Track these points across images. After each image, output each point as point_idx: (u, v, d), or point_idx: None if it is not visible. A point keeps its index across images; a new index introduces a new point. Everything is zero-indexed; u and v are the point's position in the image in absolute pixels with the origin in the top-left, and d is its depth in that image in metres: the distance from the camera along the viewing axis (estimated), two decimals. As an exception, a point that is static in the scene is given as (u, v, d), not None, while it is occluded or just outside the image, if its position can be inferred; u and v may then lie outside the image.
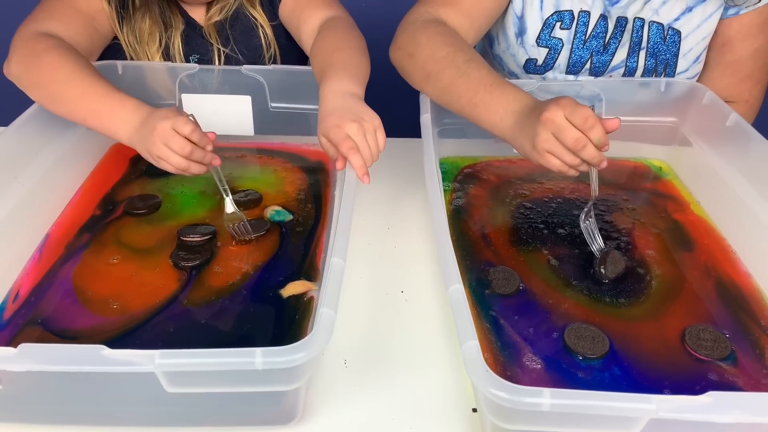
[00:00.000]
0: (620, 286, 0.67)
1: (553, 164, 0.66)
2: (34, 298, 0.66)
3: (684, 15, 0.88)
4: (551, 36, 0.90)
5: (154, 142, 0.69)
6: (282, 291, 0.67)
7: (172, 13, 0.92)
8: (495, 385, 0.42)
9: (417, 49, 0.79)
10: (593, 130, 0.62)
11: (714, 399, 0.41)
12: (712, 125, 0.82)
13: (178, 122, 0.68)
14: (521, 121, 0.68)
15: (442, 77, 0.76)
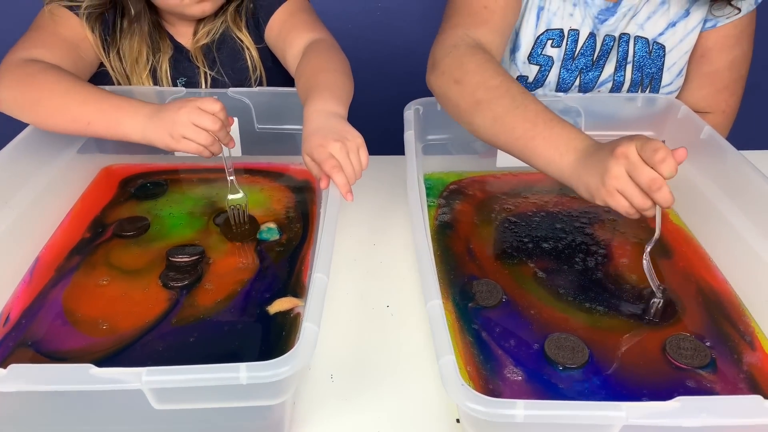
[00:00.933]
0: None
1: (621, 205, 0.61)
2: (25, 320, 0.67)
3: (668, 30, 0.91)
4: (542, 54, 0.93)
5: (178, 121, 0.72)
6: (269, 308, 0.68)
7: (161, 37, 0.95)
8: (471, 399, 0.43)
9: (465, 76, 0.75)
10: (665, 164, 0.57)
11: (682, 404, 0.43)
12: (687, 138, 0.84)
13: (205, 102, 0.72)
14: (586, 159, 0.64)
15: (495, 106, 0.72)
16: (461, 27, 0.82)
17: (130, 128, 0.75)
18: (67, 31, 0.89)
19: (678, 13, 0.90)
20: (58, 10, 0.90)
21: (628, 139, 0.61)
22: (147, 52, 0.94)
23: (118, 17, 0.92)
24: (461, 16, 0.83)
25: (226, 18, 0.95)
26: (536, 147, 0.68)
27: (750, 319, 0.67)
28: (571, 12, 0.90)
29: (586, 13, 0.90)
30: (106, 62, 0.93)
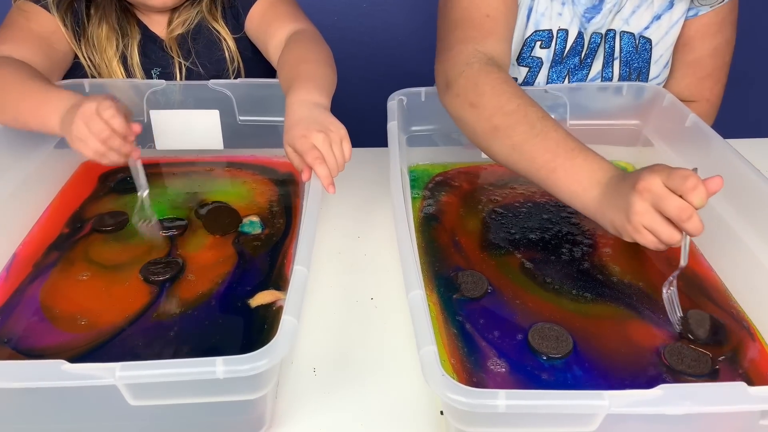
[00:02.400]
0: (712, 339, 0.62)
1: (649, 241, 0.59)
2: (1, 318, 0.66)
3: (653, 23, 0.91)
4: (531, 55, 0.92)
5: (75, 121, 0.68)
6: (251, 301, 0.67)
7: (129, 23, 0.93)
8: (451, 390, 0.42)
9: (481, 99, 0.71)
10: (695, 192, 0.55)
11: (665, 392, 0.42)
12: (672, 126, 0.84)
13: (102, 105, 0.68)
14: (609, 194, 0.61)
15: (513, 133, 0.68)
16: (470, 42, 0.78)
17: (52, 125, 0.73)
18: (38, 26, 0.88)
19: (662, 6, 0.90)
20: (27, 6, 0.89)
21: (648, 171, 0.58)
22: (116, 38, 0.92)
23: (84, 5, 0.91)
24: (465, 30, 0.80)
25: (201, 8, 0.94)
26: (558, 179, 0.65)
27: (734, 302, 0.67)
28: (560, 11, 0.89)
29: (574, 12, 0.89)
30: (79, 53, 0.91)
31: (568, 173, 0.64)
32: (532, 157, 0.67)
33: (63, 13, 0.89)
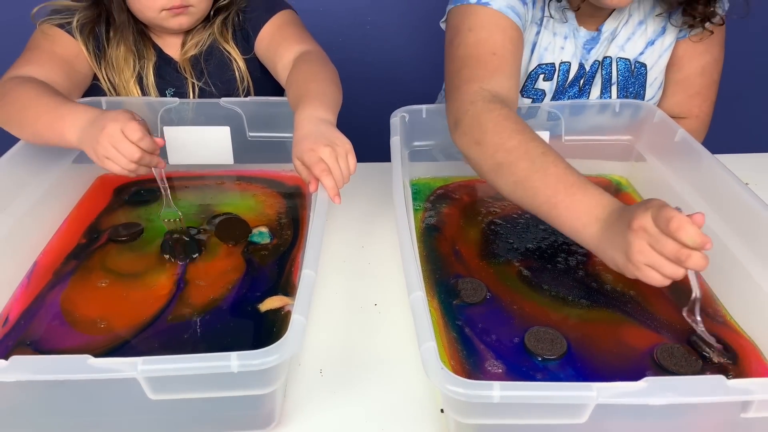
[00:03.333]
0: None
1: (652, 278, 0.58)
2: (24, 321, 0.69)
3: (647, 48, 0.95)
4: (535, 87, 0.96)
5: (101, 142, 0.72)
6: (260, 305, 0.71)
7: (145, 45, 0.98)
8: (450, 382, 0.46)
9: (484, 136, 0.73)
10: (682, 232, 0.54)
11: (649, 384, 0.46)
12: (663, 141, 0.88)
13: (128, 128, 0.72)
14: (608, 231, 0.61)
15: (515, 170, 0.70)
16: (476, 81, 0.80)
17: (70, 137, 0.75)
18: (61, 49, 0.93)
19: (655, 31, 0.94)
20: (50, 30, 0.94)
21: (642, 208, 0.58)
22: (132, 60, 0.97)
23: (105, 28, 0.96)
24: (471, 69, 0.81)
25: (213, 30, 0.99)
26: (559, 216, 0.66)
27: (721, 306, 0.70)
28: (562, 45, 0.93)
29: (576, 44, 0.94)
30: (99, 73, 0.96)
31: (568, 209, 0.65)
32: (534, 193, 0.68)
33: (86, 38, 0.94)
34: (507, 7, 0.84)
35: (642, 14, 0.94)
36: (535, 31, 0.92)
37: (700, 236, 0.54)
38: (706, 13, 0.88)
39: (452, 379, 0.45)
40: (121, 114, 0.73)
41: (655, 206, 0.57)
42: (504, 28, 0.84)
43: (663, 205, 0.57)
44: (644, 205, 0.58)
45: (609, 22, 0.93)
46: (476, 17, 0.84)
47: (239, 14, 1.00)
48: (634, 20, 0.94)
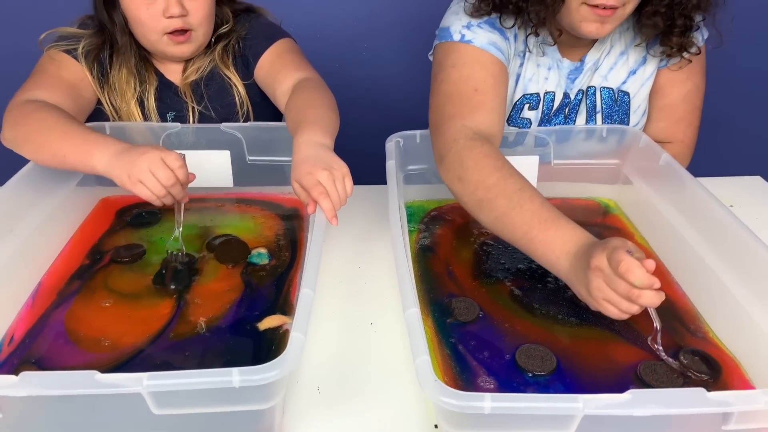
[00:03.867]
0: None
1: (611, 312, 0.63)
2: (28, 340, 0.71)
3: (629, 78, 0.99)
4: (521, 117, 0.99)
5: (138, 165, 0.75)
6: (259, 324, 0.72)
7: (147, 70, 1.01)
8: (443, 393, 0.48)
9: (466, 174, 0.78)
10: (630, 274, 0.59)
11: (633, 396, 0.48)
12: (648, 165, 0.91)
13: (170, 156, 0.76)
14: (576, 265, 0.66)
15: (495, 206, 0.75)
16: (458, 118, 0.84)
17: (97, 160, 0.78)
18: (68, 74, 0.96)
19: (637, 61, 0.98)
20: (57, 55, 0.98)
21: (601, 248, 0.63)
22: (134, 83, 1.00)
23: (108, 54, 1.00)
24: (455, 105, 0.85)
25: (214, 57, 1.02)
26: (536, 249, 0.71)
27: (704, 324, 0.73)
28: (546, 76, 0.97)
29: (560, 75, 0.97)
30: (102, 98, 1.00)
31: (542, 244, 0.70)
32: (512, 228, 0.73)
33: (90, 63, 0.97)
34: (489, 43, 0.88)
35: (623, 45, 0.98)
36: (518, 63, 0.96)
37: (648, 278, 0.59)
38: (682, 44, 0.91)
39: (445, 391, 0.48)
40: (157, 147, 0.78)
41: (611, 248, 0.62)
42: (486, 64, 0.88)
43: (617, 247, 0.61)
44: (602, 245, 0.63)
45: (591, 53, 0.97)
46: (459, 54, 0.88)
47: (240, 41, 1.04)
48: (616, 51, 0.98)
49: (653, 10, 0.87)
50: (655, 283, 0.60)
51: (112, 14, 0.97)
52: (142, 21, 0.95)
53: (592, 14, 0.83)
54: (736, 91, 1.85)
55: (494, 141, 0.85)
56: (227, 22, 1.04)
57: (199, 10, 0.96)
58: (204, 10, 0.97)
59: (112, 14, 0.97)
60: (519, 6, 0.85)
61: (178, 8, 0.93)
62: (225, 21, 1.04)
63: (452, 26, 0.91)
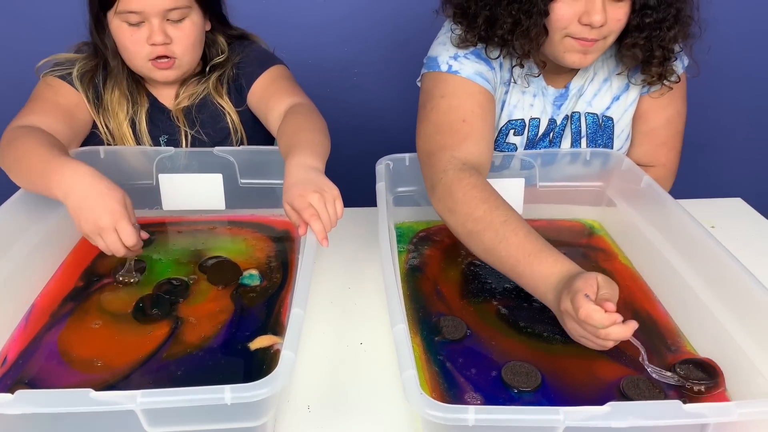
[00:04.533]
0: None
1: (590, 346, 0.69)
2: (21, 361, 0.71)
3: (613, 103, 1.02)
4: (506, 142, 1.02)
5: (99, 225, 0.76)
6: (250, 344, 0.74)
7: (139, 93, 1.04)
8: (428, 406, 0.49)
9: (455, 206, 0.81)
10: (589, 320, 0.63)
11: (613, 408, 0.49)
12: (630, 187, 0.94)
13: (124, 232, 0.77)
14: (557, 300, 0.70)
15: (483, 239, 0.78)
16: (447, 148, 0.87)
17: (57, 186, 0.78)
18: (63, 99, 0.99)
19: (620, 88, 1.01)
20: (53, 81, 1.00)
21: (566, 291, 0.67)
22: (126, 104, 1.02)
23: (102, 77, 1.02)
24: (444, 135, 0.88)
25: (208, 86, 1.05)
26: (525, 284, 0.75)
27: (685, 341, 0.75)
28: (532, 103, 1.00)
29: (545, 102, 1.01)
30: (97, 120, 1.02)
31: (528, 279, 0.74)
32: (501, 261, 0.77)
33: (86, 86, 1.00)
34: (475, 73, 0.91)
35: (606, 72, 1.01)
36: (504, 90, 0.99)
37: (607, 319, 0.63)
38: (662, 73, 0.95)
39: (430, 404, 0.49)
40: (120, 207, 0.77)
41: (573, 292, 0.66)
42: (473, 94, 0.91)
43: (577, 292, 0.65)
44: (567, 288, 0.67)
45: (576, 80, 1.00)
46: (447, 85, 0.92)
47: (234, 68, 1.07)
48: (599, 78, 1.01)
49: (632, 42, 0.90)
50: (617, 319, 0.63)
51: (103, 38, 1.00)
52: (127, 47, 0.97)
53: (575, 45, 0.87)
54: (718, 116, 1.91)
55: (482, 170, 0.88)
56: (223, 51, 1.06)
57: (184, 38, 0.98)
58: (188, 38, 0.98)
59: (104, 38, 0.99)
60: (504, 38, 0.89)
61: (161, 36, 0.95)
62: (221, 51, 1.06)
63: (440, 56, 0.94)
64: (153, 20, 0.95)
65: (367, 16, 1.69)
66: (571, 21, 0.85)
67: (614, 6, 0.85)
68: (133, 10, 0.94)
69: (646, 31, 0.88)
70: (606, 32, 0.86)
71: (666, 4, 0.87)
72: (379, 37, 1.72)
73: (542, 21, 0.86)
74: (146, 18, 0.95)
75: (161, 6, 0.94)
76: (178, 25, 0.97)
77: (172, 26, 0.97)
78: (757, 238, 0.99)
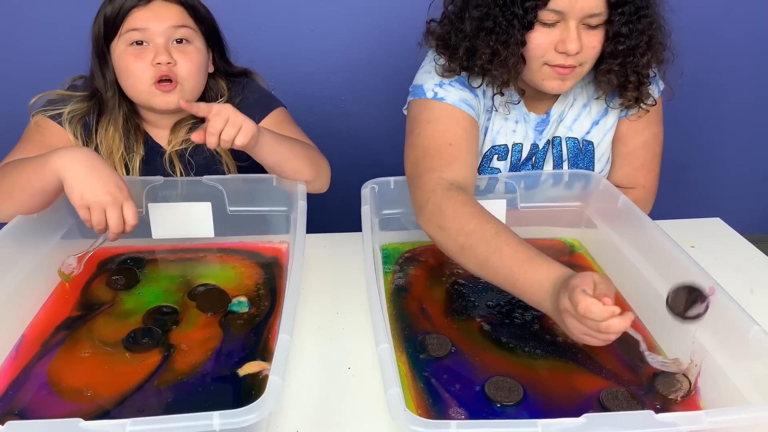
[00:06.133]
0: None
1: (595, 343, 0.68)
2: (12, 391, 0.72)
3: (593, 128, 1.05)
4: (490, 167, 1.06)
5: (98, 196, 0.79)
6: (239, 370, 0.75)
7: (135, 135, 1.05)
8: (412, 422, 0.51)
9: (446, 222, 0.83)
10: (589, 314, 0.63)
11: (588, 420, 0.51)
12: (608, 207, 0.97)
13: (131, 212, 0.81)
14: (554, 303, 0.70)
15: (476, 252, 0.79)
16: (435, 170, 0.89)
17: (55, 162, 0.80)
18: (51, 138, 1.00)
19: (599, 112, 1.05)
20: (42, 121, 1.02)
21: (563, 290, 0.67)
22: (122, 144, 1.03)
23: (96, 118, 1.03)
24: (431, 158, 0.91)
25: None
26: (520, 292, 0.76)
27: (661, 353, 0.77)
28: (514, 129, 1.04)
29: (527, 127, 1.04)
30: None
31: (523, 287, 0.74)
32: (494, 272, 0.77)
33: (74, 126, 1.01)
34: (460, 100, 0.95)
35: (585, 98, 1.05)
36: (487, 117, 1.02)
37: (606, 312, 0.62)
38: (638, 97, 0.98)
39: (414, 420, 0.51)
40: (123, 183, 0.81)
41: (570, 289, 0.65)
42: (458, 119, 0.94)
43: (574, 288, 0.65)
44: (564, 286, 0.67)
45: (556, 106, 1.04)
46: (433, 111, 0.95)
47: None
48: (579, 103, 1.05)
49: (607, 68, 0.94)
50: (615, 311, 0.63)
51: (104, 71, 1.01)
52: (131, 71, 0.98)
53: (552, 73, 0.91)
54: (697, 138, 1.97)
55: (468, 190, 0.91)
56: (222, 95, 1.08)
57: (187, 61, 1.00)
58: (192, 62, 1.00)
59: (104, 70, 1.01)
60: (484, 68, 0.92)
61: (166, 56, 0.97)
62: (220, 94, 1.08)
63: (425, 84, 0.98)
64: (158, 40, 0.97)
65: (354, 47, 1.74)
66: (547, 50, 0.89)
67: (589, 34, 0.89)
68: (138, 27, 0.96)
69: (620, 57, 0.92)
70: (582, 59, 0.90)
71: (638, 31, 0.90)
72: (366, 67, 1.77)
73: (519, 50, 0.89)
74: (151, 39, 0.97)
75: (166, 23, 0.97)
76: (182, 48, 1.00)
77: (176, 49, 0.99)
78: (735, 257, 1.02)
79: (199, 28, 1.03)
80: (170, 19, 0.98)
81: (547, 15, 0.86)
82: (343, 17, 1.71)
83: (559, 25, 0.87)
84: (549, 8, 0.86)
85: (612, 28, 0.89)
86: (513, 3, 0.87)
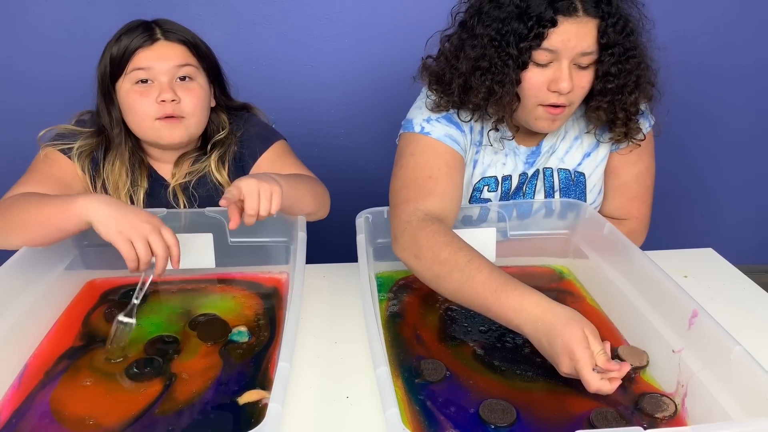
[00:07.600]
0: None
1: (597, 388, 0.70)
2: (15, 420, 0.73)
3: (584, 159, 1.09)
4: (481, 197, 1.09)
5: (138, 228, 0.80)
6: (239, 399, 0.76)
7: (141, 171, 1.07)
8: (410, 440, 0.53)
9: (421, 251, 0.86)
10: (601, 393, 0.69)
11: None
12: (594, 234, 1.00)
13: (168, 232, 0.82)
14: (539, 338, 0.73)
15: (451, 279, 0.81)
16: (411, 201, 0.93)
17: (80, 205, 0.81)
18: (59, 171, 1.03)
19: (590, 145, 1.09)
20: (51, 153, 1.05)
21: (567, 359, 0.70)
22: (128, 179, 1.06)
23: (103, 154, 1.06)
24: (409, 190, 0.95)
25: (209, 163, 1.09)
26: (497, 318, 0.78)
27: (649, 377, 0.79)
28: (504, 161, 1.08)
29: (516, 160, 1.08)
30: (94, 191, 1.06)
31: (499, 313, 0.77)
32: (470, 299, 0.81)
33: (83, 161, 1.04)
34: (445, 135, 0.99)
35: (577, 131, 1.09)
36: (475, 150, 1.06)
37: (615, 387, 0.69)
38: (627, 132, 1.02)
39: (411, 439, 0.53)
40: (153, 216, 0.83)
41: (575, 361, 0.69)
42: (440, 153, 0.98)
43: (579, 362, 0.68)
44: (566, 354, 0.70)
45: (548, 139, 1.08)
46: (417, 144, 0.99)
47: (235, 144, 1.11)
48: (570, 136, 1.09)
49: (597, 105, 0.98)
50: (621, 375, 0.70)
51: (110, 108, 1.05)
52: (136, 109, 1.02)
53: (545, 113, 0.95)
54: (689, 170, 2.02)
55: (447, 221, 0.94)
56: (224, 128, 1.11)
57: (192, 98, 1.04)
58: (197, 98, 1.04)
59: (110, 108, 1.05)
60: (479, 105, 0.96)
61: (170, 94, 1.01)
62: (221, 127, 1.11)
63: (414, 119, 1.02)
64: (162, 78, 1.01)
65: (353, 83, 1.81)
66: (540, 89, 0.93)
67: (579, 74, 0.93)
68: (143, 66, 1.00)
69: (609, 95, 0.96)
70: (572, 98, 0.94)
71: (626, 71, 0.94)
72: (365, 101, 1.83)
73: (515, 89, 0.93)
74: (155, 77, 1.01)
75: (171, 62, 1.01)
76: (186, 85, 1.03)
77: (180, 86, 1.03)
78: (727, 287, 1.03)
79: (201, 65, 1.07)
80: (174, 59, 1.03)
81: (541, 55, 0.91)
82: (341, 54, 1.77)
83: (552, 65, 0.92)
84: (543, 47, 0.89)
85: (602, 67, 0.93)
86: (508, 44, 0.91)
